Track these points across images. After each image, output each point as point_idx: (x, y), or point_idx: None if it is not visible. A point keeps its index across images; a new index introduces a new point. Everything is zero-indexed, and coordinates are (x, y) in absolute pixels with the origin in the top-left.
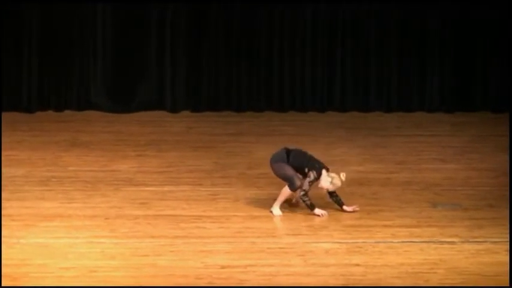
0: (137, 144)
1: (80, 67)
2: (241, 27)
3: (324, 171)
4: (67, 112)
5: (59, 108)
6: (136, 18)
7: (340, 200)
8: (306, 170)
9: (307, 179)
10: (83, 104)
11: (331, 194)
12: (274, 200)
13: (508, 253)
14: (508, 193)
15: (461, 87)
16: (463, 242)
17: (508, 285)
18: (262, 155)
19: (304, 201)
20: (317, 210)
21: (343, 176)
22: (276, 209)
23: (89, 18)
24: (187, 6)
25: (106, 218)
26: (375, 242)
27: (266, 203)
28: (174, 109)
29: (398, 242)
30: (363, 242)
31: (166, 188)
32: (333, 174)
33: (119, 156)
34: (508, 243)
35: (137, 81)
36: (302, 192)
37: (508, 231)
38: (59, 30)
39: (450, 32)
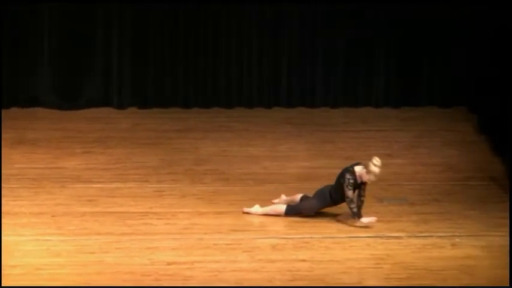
0: (84, 142)
1: (27, 64)
2: (188, 24)
3: (356, 167)
4: (13, 109)
5: (5, 105)
6: (83, 15)
7: (360, 207)
8: (342, 181)
9: (345, 185)
10: (29, 101)
11: (360, 194)
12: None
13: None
14: (454, 188)
15: (407, 82)
16: (409, 236)
17: (508, 285)
18: (209, 151)
19: (351, 208)
20: (364, 219)
21: (375, 160)
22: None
23: (35, 16)
24: (133, 4)
25: (52, 216)
26: (322, 238)
27: (213, 199)
28: (120, 106)
29: (344, 237)
30: (310, 238)
31: (113, 185)
32: (364, 164)
33: (66, 153)
34: (508, 244)
35: (84, 78)
36: (348, 199)
37: (453, 225)
38: (8, 27)
39: (396, 27)
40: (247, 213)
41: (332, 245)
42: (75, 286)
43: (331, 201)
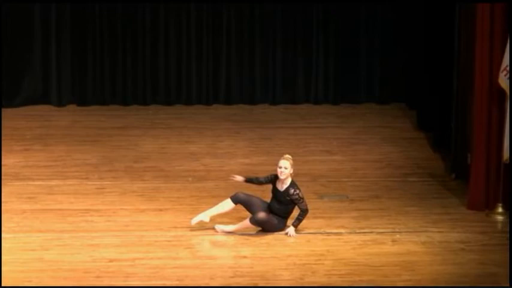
0: (23, 139)
1: None
2: (126, 22)
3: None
4: None
5: None
6: (21, 12)
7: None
8: (292, 198)
9: (298, 202)
10: None
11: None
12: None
13: (395, 244)
14: (393, 184)
15: (346, 79)
16: (349, 233)
17: (508, 285)
18: (148, 148)
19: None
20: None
21: (284, 157)
22: (220, 227)
23: None
24: (72, 3)
25: None
26: (263, 234)
27: (153, 196)
28: (59, 103)
29: (284, 234)
30: (250, 234)
31: (53, 182)
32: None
33: (5, 150)
34: (508, 242)
35: (22, 75)
36: (305, 212)
37: (393, 221)
38: None
39: (334, 25)
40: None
41: (273, 241)
42: (76, 286)
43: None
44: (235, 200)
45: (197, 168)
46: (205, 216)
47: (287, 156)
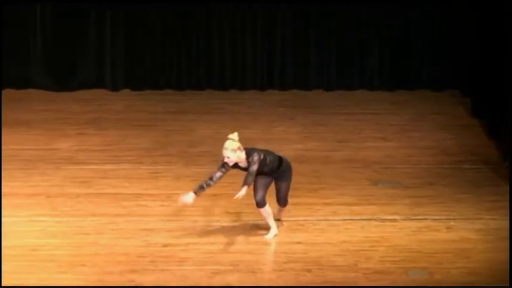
0: (78, 123)
1: (21, 45)
2: (181, 5)
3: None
4: (7, 91)
5: None
6: None
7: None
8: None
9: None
10: (23, 82)
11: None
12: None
13: (449, 231)
14: (447, 171)
15: (401, 65)
16: (403, 219)
17: (508, 285)
18: (202, 133)
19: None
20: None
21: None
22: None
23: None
24: None
25: (47, 197)
26: (316, 220)
27: None
28: (114, 88)
29: (339, 220)
30: (304, 220)
31: (107, 167)
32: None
33: (59, 134)
34: (508, 239)
35: (77, 59)
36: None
37: (448, 208)
38: (2, 6)
39: (388, 11)
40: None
41: (327, 227)
42: (77, 286)
43: None
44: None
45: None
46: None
47: (226, 143)
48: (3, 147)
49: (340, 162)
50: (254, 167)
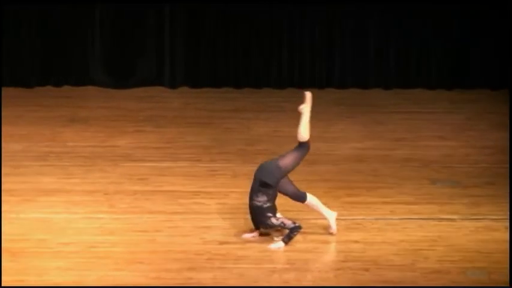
0: (136, 120)
1: (79, 42)
2: (240, 4)
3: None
4: (66, 87)
5: (58, 83)
6: None
7: None
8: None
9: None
10: (81, 79)
11: None
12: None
13: (507, 231)
14: (506, 171)
15: (459, 64)
16: (462, 219)
17: (508, 285)
18: (260, 131)
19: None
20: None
21: None
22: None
23: None
24: None
25: (105, 194)
26: (374, 219)
27: None
28: (172, 85)
29: (397, 219)
30: (362, 219)
31: (164, 164)
32: None
33: (118, 131)
34: (508, 239)
35: (136, 56)
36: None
37: (507, 208)
38: (59, 6)
39: (447, 9)
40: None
41: (385, 226)
42: (78, 286)
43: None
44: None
45: (309, 151)
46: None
47: None
48: (62, 144)
49: (399, 161)
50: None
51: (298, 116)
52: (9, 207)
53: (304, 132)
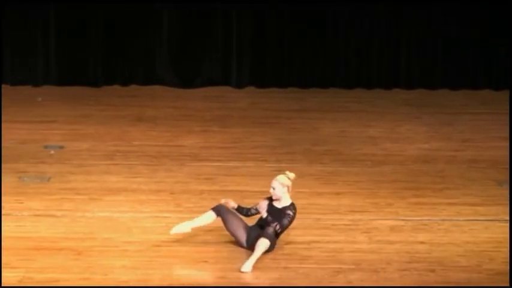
0: (202, 120)
1: (146, 41)
2: (306, 5)
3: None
4: (133, 87)
5: (125, 82)
6: None
7: None
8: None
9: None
10: (148, 78)
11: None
12: (338, 176)
13: None
14: None
15: None
16: None
17: (508, 285)
18: (327, 131)
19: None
20: None
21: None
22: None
23: None
24: None
25: (171, 193)
26: (440, 220)
27: (331, 180)
28: (239, 85)
29: (463, 220)
30: (428, 220)
31: (231, 164)
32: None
33: (184, 131)
34: (508, 239)
35: (203, 56)
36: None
37: None
38: (125, 6)
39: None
40: None
41: (451, 227)
42: (80, 286)
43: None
44: (217, 212)
45: (376, 152)
46: (187, 227)
47: (280, 176)
48: (128, 143)
49: (465, 162)
50: (285, 221)
51: (365, 116)
52: (75, 206)
53: None
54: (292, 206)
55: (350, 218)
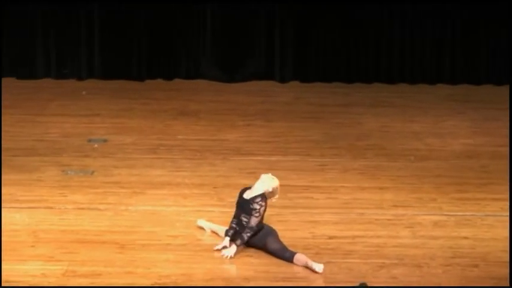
0: (245, 114)
1: (191, 35)
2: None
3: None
4: (176, 81)
5: (168, 76)
6: None
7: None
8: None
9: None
10: (192, 73)
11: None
12: (382, 171)
13: None
14: None
15: None
16: None
17: (508, 285)
18: (370, 126)
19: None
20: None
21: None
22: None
23: None
24: None
25: (214, 187)
26: (484, 215)
27: (374, 174)
28: (282, 79)
29: (507, 216)
30: (472, 215)
31: (274, 158)
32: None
33: (227, 125)
34: (508, 238)
35: (246, 51)
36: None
37: None
38: (169, 3)
39: None
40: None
41: (495, 223)
42: (82, 286)
43: None
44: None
45: (419, 147)
46: (208, 227)
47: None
48: (172, 137)
49: (509, 158)
50: (253, 221)
51: (408, 111)
52: (119, 199)
53: None
54: (259, 197)
55: (393, 212)
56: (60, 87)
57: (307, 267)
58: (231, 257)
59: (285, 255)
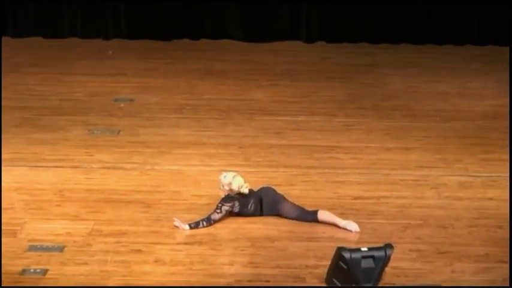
0: (271, 74)
1: None
2: None
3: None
4: (202, 40)
5: (194, 36)
6: None
7: None
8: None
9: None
10: (218, 32)
11: None
12: (408, 131)
13: None
14: None
15: None
16: None
17: (508, 285)
18: (397, 87)
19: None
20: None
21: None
22: None
23: None
24: None
25: (240, 147)
26: (509, 176)
27: (400, 135)
28: (308, 39)
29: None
30: (497, 176)
31: (300, 118)
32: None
33: (253, 85)
34: (508, 238)
35: (272, 11)
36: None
37: None
38: None
39: None
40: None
41: None
42: (82, 286)
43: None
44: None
45: (445, 108)
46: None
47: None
48: (198, 96)
49: None
50: (214, 216)
51: (435, 72)
52: (144, 158)
53: None
54: (223, 200)
55: (419, 173)
56: (86, 47)
57: (335, 224)
58: (182, 229)
59: (307, 218)
